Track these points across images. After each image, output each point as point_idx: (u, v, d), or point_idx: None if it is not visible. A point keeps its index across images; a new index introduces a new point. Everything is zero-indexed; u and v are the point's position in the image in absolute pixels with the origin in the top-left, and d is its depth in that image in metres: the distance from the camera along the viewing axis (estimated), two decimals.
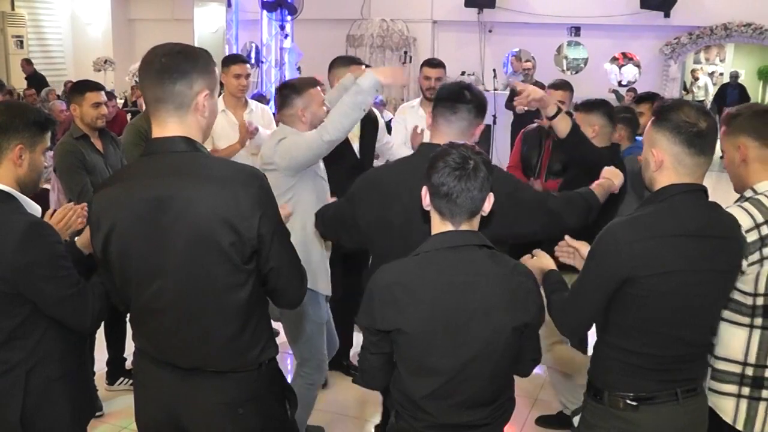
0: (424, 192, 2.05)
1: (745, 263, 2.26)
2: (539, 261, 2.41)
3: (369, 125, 4.23)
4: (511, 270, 2.05)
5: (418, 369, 2.03)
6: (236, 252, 1.94)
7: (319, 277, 3.35)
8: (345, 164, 3.98)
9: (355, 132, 4.15)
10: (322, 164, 3.42)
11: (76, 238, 2.39)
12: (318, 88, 3.37)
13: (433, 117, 2.58)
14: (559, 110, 3.08)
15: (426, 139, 4.53)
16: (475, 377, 2.02)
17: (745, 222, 2.25)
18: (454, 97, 2.54)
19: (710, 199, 2.16)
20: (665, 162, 2.10)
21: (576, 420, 2.34)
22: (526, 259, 2.40)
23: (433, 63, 4.96)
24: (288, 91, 3.30)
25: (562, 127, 3.09)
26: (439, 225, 2.05)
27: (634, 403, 2.13)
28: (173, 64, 1.94)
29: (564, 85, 4.52)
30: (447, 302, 1.98)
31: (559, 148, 3.70)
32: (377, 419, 3.79)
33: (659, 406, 2.13)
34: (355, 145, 4.23)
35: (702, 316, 2.13)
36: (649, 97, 4.70)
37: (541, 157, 4.58)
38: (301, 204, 3.20)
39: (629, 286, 2.05)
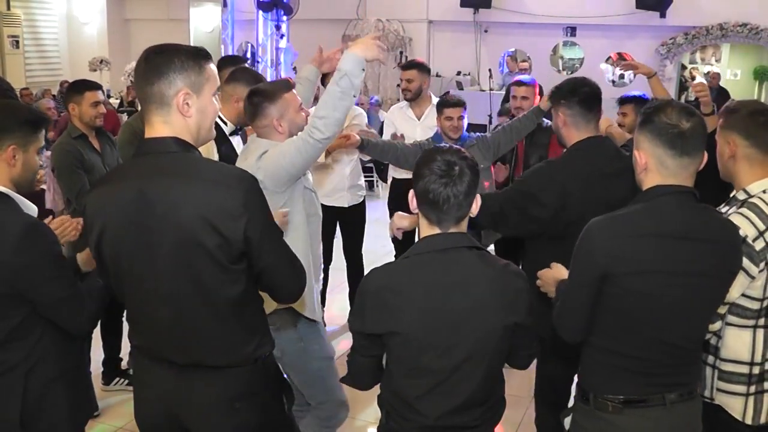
0: (411, 196, 2.05)
1: (756, 270, 2.26)
2: (557, 271, 2.39)
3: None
4: (501, 270, 2.05)
5: (412, 370, 2.04)
6: (222, 253, 1.94)
7: (310, 303, 2.96)
8: None
9: None
10: (310, 174, 3.08)
11: (77, 255, 2.39)
12: (293, 91, 2.97)
13: (570, 117, 2.90)
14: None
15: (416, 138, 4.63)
16: (469, 377, 2.02)
17: (749, 231, 2.26)
18: (591, 99, 2.90)
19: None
20: (649, 164, 2.10)
21: (567, 422, 2.34)
22: (544, 272, 2.40)
23: (404, 66, 5.08)
24: (259, 99, 2.87)
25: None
26: (427, 229, 2.05)
27: (619, 406, 2.11)
28: (153, 65, 1.95)
29: (527, 82, 4.73)
30: (438, 304, 1.98)
31: None
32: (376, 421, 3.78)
33: (645, 410, 2.11)
34: None
35: (688, 320, 2.09)
36: (633, 99, 4.57)
37: (515, 153, 4.65)
38: (294, 225, 2.82)
39: (607, 284, 2.05)
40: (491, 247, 4.67)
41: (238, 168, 2.08)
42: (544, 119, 4.72)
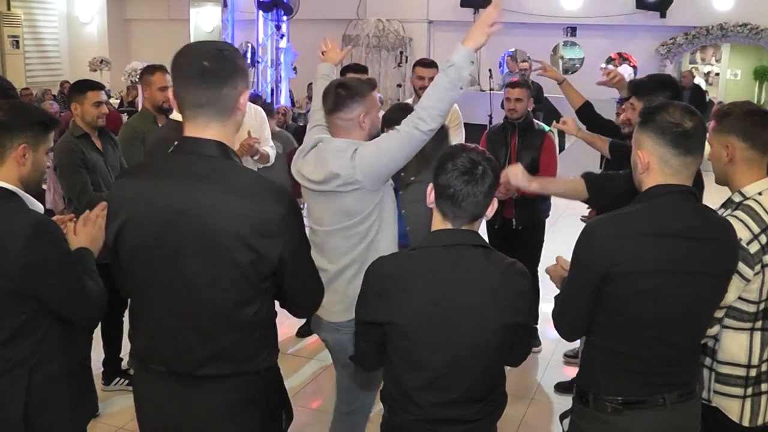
0: (430, 189, 2.06)
1: (751, 272, 2.25)
2: (562, 267, 2.35)
3: None
4: (506, 269, 2.05)
5: (410, 362, 2.05)
6: (254, 270, 1.88)
7: None
8: None
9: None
10: None
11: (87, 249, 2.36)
12: (375, 90, 2.93)
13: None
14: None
15: None
16: (468, 373, 2.03)
17: (743, 234, 2.24)
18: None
19: (703, 197, 2.15)
20: (651, 163, 2.07)
21: (565, 423, 2.33)
22: (552, 267, 2.39)
23: (426, 63, 4.96)
24: (349, 93, 2.78)
25: None
26: (439, 223, 2.06)
27: (619, 408, 2.10)
28: (219, 68, 1.86)
29: (521, 84, 4.75)
30: (440, 298, 1.99)
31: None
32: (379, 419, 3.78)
33: (645, 411, 2.09)
34: None
35: (688, 319, 2.08)
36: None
37: (508, 155, 4.66)
38: (385, 223, 2.81)
39: (608, 283, 2.03)
40: None
41: (276, 183, 1.99)
42: (537, 122, 4.77)
